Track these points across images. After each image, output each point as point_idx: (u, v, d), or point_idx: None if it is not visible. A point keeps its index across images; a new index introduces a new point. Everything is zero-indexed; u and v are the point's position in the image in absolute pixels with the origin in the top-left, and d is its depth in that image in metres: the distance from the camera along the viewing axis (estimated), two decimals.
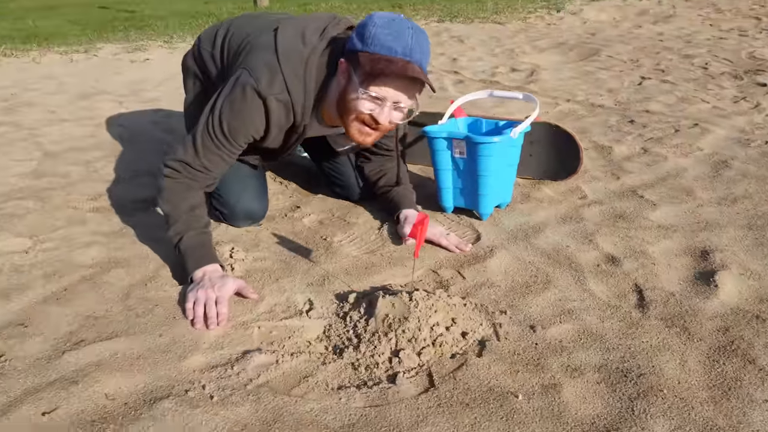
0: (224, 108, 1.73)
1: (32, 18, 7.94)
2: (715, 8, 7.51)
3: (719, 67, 4.29)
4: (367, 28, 1.60)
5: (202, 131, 1.75)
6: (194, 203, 1.75)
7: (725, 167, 2.43)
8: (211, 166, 1.77)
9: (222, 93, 1.76)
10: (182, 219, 1.71)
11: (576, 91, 3.76)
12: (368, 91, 1.62)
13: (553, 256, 1.81)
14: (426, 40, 1.63)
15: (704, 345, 1.39)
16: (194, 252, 1.67)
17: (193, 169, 1.75)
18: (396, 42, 1.58)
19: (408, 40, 1.58)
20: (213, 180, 1.81)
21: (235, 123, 1.73)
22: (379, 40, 1.58)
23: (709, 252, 1.79)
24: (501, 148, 1.92)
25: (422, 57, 1.62)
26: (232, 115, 1.72)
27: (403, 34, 1.58)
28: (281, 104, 1.72)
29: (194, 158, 1.75)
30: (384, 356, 1.37)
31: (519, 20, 6.85)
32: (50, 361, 1.38)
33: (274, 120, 1.75)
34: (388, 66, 1.57)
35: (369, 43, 1.59)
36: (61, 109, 3.59)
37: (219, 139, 1.75)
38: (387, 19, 1.60)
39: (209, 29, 2.12)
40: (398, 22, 1.59)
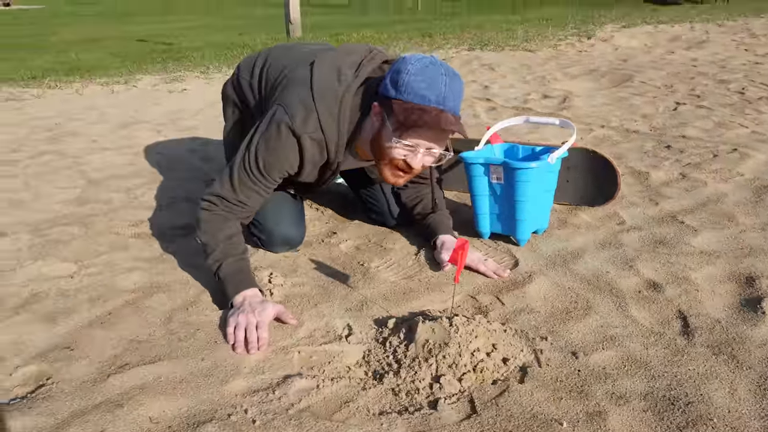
0: (260, 145, 1.77)
1: (74, 51, 8.23)
2: (749, 33, 7.43)
3: (756, 92, 4.23)
4: (401, 75, 1.60)
5: (239, 167, 1.79)
6: (231, 233, 1.78)
7: (767, 193, 2.39)
8: (247, 201, 1.81)
9: (258, 129, 1.80)
10: (220, 247, 1.74)
11: (610, 117, 3.74)
12: (401, 140, 1.63)
13: (592, 281, 1.79)
14: (459, 83, 1.63)
15: (754, 373, 1.36)
16: (233, 278, 1.70)
17: (230, 203, 1.79)
18: (429, 90, 1.57)
19: (441, 87, 1.58)
20: (250, 213, 1.85)
21: (270, 159, 1.77)
22: (412, 89, 1.58)
23: (754, 278, 1.76)
24: (538, 173, 1.92)
25: (455, 104, 1.62)
26: (268, 152, 1.76)
27: (437, 82, 1.58)
28: (315, 143, 1.75)
29: (231, 193, 1.79)
30: (425, 382, 1.36)
31: (549, 48, 6.87)
32: (96, 384, 1.41)
33: (308, 157, 1.78)
34: (421, 117, 1.57)
35: (402, 91, 1.59)
36: (102, 138, 3.69)
37: (255, 175, 1.78)
38: (421, 65, 1.59)
39: (248, 58, 2.18)
40: (432, 69, 1.59)
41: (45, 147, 3.50)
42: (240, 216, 1.82)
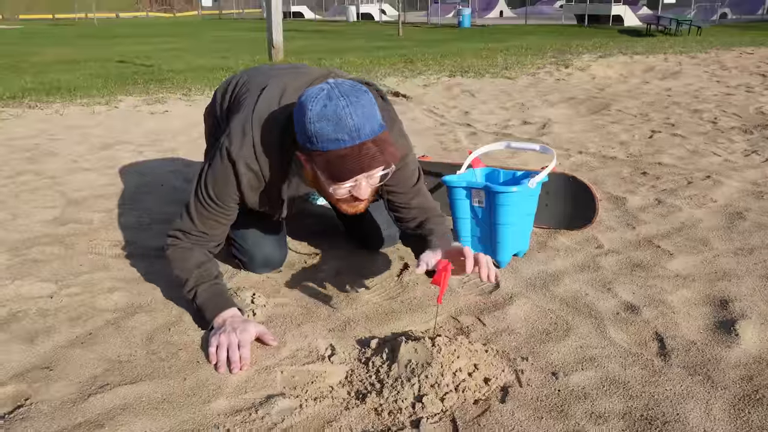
0: (208, 173, 1.74)
1: (54, 72, 8.20)
2: (720, 65, 7.67)
3: (728, 122, 4.36)
4: (307, 127, 1.47)
5: (193, 198, 1.77)
6: (201, 260, 1.76)
7: (740, 218, 2.46)
8: (209, 231, 1.78)
9: (209, 158, 1.78)
10: (193, 276, 1.73)
11: (588, 143, 3.82)
12: (337, 186, 1.56)
13: (572, 303, 1.82)
14: (366, 100, 1.48)
15: (729, 393, 1.39)
16: (210, 302, 1.69)
17: (192, 235, 1.77)
18: (339, 131, 1.45)
19: (349, 121, 1.44)
20: (216, 242, 1.82)
21: (217, 187, 1.73)
22: (322, 137, 1.46)
23: (728, 301, 1.80)
24: (519, 197, 1.96)
25: (372, 125, 1.48)
26: (214, 179, 1.73)
27: (342, 118, 1.44)
28: (250, 169, 1.70)
29: (191, 225, 1.77)
30: (407, 401, 1.37)
31: (528, 75, 7.01)
32: (75, 405, 1.39)
33: (245, 183, 1.72)
34: (344, 165, 1.48)
35: (315, 142, 1.48)
36: (83, 158, 3.68)
37: (209, 204, 1.75)
38: (319, 107, 1.45)
39: (224, 82, 2.16)
40: (330, 106, 1.45)
41: (24, 167, 3.48)
42: (207, 246, 1.80)
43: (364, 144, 1.48)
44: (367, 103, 1.49)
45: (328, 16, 33.80)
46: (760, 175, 3.05)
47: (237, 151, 1.68)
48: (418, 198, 1.86)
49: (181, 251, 1.77)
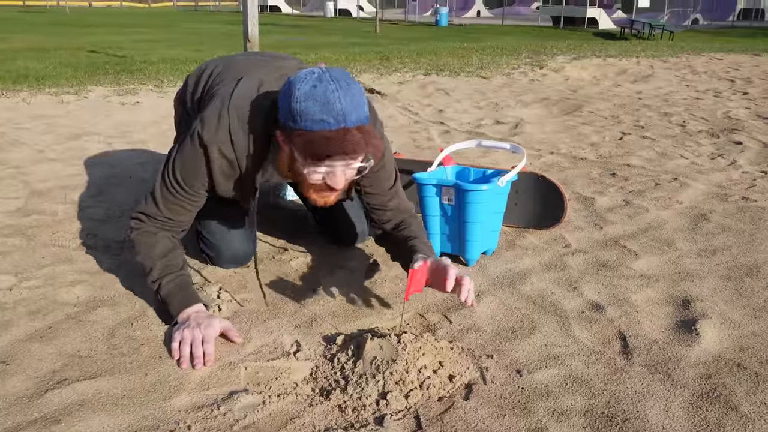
0: (177, 157, 1.69)
1: (23, 59, 8.01)
2: (691, 70, 7.81)
3: (696, 125, 4.44)
4: (292, 105, 1.44)
5: (160, 182, 1.71)
6: (165, 249, 1.71)
7: (704, 220, 2.50)
8: (174, 216, 1.72)
9: (178, 142, 1.74)
10: (157, 266, 1.67)
11: (559, 144, 3.86)
12: (314, 168, 1.51)
13: (538, 302, 1.84)
14: (354, 88, 1.46)
15: (687, 392, 1.41)
16: (175, 296, 1.65)
17: (157, 220, 1.71)
18: (326, 113, 1.41)
19: (337, 104, 1.41)
20: (181, 228, 1.76)
21: (185, 171, 1.68)
22: (308, 116, 1.42)
23: (690, 301, 1.83)
24: (488, 195, 1.96)
25: (359, 114, 1.45)
26: (182, 164, 1.68)
27: (330, 100, 1.41)
28: (222, 154, 1.64)
29: (155, 209, 1.71)
30: (371, 398, 1.37)
31: (503, 75, 7.06)
32: (32, 400, 1.36)
33: (216, 168, 1.66)
34: (326, 146, 1.43)
35: (299, 121, 1.44)
36: (49, 148, 3.60)
37: (175, 188, 1.69)
38: (308, 87, 1.42)
39: (197, 68, 2.11)
40: (320, 87, 1.42)
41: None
42: (171, 231, 1.74)
43: (349, 130, 1.44)
44: (357, 92, 1.46)
45: (305, 11, 33.63)
46: (725, 178, 3.11)
47: (211, 135, 1.62)
48: (395, 200, 1.85)
49: (146, 236, 1.71)
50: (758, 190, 2.91)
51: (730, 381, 1.45)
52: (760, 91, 6.16)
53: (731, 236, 2.34)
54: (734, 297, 1.87)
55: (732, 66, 8.24)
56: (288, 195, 2.69)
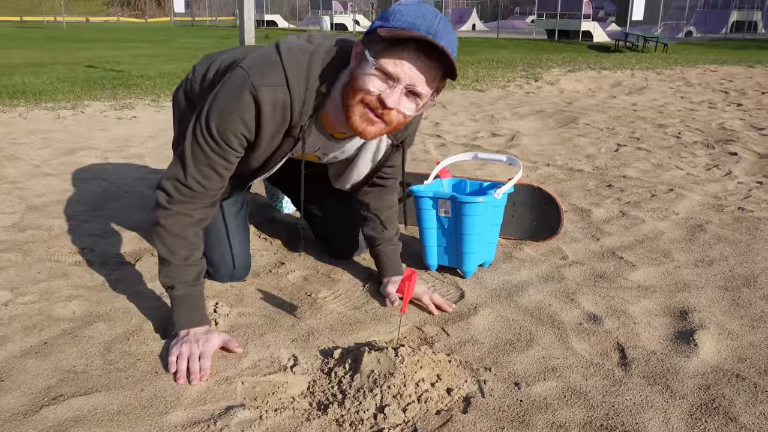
0: (212, 108, 1.54)
1: (20, 74, 8.03)
2: (685, 82, 7.85)
3: (691, 137, 4.46)
4: (390, 8, 1.42)
5: (190, 140, 1.57)
6: (190, 249, 1.62)
7: (701, 231, 2.50)
8: (204, 181, 1.58)
9: (212, 93, 1.59)
10: (174, 267, 1.60)
11: (555, 156, 3.87)
12: (381, 64, 1.40)
13: (535, 314, 1.83)
14: (454, 33, 1.44)
15: (686, 403, 1.41)
16: (184, 308, 1.61)
17: (186, 187, 1.58)
18: (421, 21, 1.38)
19: (434, 21, 1.38)
20: (211, 201, 1.64)
21: (224, 121, 1.52)
22: (402, 16, 1.39)
23: (687, 312, 1.83)
24: (485, 208, 1.96)
25: (449, 44, 1.40)
26: (221, 114, 1.53)
27: (429, 16, 1.39)
28: (276, 98, 1.51)
29: (185, 174, 1.57)
30: (369, 412, 1.36)
31: (499, 88, 7.09)
32: (27, 417, 1.35)
33: (267, 115, 1.52)
34: (409, 36, 1.37)
35: (391, 20, 1.40)
36: (45, 163, 3.59)
37: (209, 144, 1.55)
38: (416, 3, 1.41)
39: (205, 57, 1.99)
40: (425, 7, 1.41)
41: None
42: (200, 206, 1.61)
43: (436, 45, 1.37)
44: (454, 37, 1.43)
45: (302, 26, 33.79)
46: (720, 188, 3.12)
47: (260, 78, 1.49)
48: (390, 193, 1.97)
49: (173, 224, 1.59)
50: (754, 200, 2.92)
51: (729, 392, 1.44)
52: (754, 102, 6.20)
53: (728, 247, 2.34)
54: (732, 307, 1.87)
55: (726, 78, 8.30)
56: (285, 208, 2.69)
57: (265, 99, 1.50)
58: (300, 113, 1.55)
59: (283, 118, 1.56)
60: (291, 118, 1.56)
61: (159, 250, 1.63)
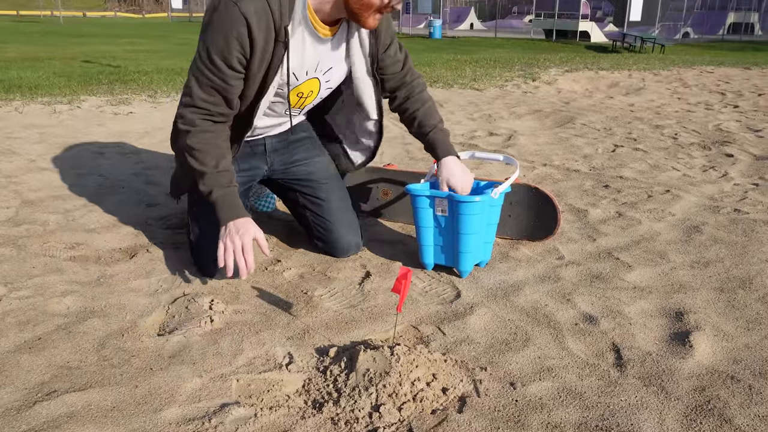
0: (207, 34, 1.72)
1: (16, 69, 7.99)
2: (682, 83, 7.86)
3: (688, 138, 4.46)
4: None
5: (196, 68, 1.75)
6: (216, 158, 1.80)
7: (697, 232, 2.51)
8: (212, 99, 1.77)
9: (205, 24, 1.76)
10: (207, 175, 1.79)
11: (552, 156, 3.87)
12: None
13: (531, 314, 1.83)
14: None
15: (681, 404, 1.41)
16: (223, 207, 1.80)
17: (197, 107, 1.77)
18: None
19: None
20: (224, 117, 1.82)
21: (221, 41, 1.70)
22: None
23: (683, 313, 1.83)
24: (482, 207, 1.96)
25: None
26: (215, 40, 1.70)
27: None
28: (257, 5, 1.68)
29: (193, 98, 1.77)
30: (364, 411, 1.36)
31: (496, 87, 7.09)
32: (20, 412, 1.34)
33: (254, 25, 1.68)
34: None
35: None
36: (41, 158, 3.58)
37: (211, 70, 1.73)
38: None
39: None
40: None
41: None
42: (218, 120, 1.81)
43: None
44: None
45: None
46: (716, 190, 3.12)
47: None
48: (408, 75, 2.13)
49: (198, 140, 1.79)
50: (750, 202, 2.92)
51: (724, 393, 1.44)
52: (750, 104, 6.21)
53: (724, 248, 2.35)
54: (727, 309, 1.87)
55: (722, 79, 8.31)
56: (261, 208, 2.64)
57: (249, 10, 1.67)
58: (279, 14, 1.71)
59: (267, 24, 1.71)
60: (273, 21, 1.72)
61: (192, 164, 1.81)
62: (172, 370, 1.51)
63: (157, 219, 2.60)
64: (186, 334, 1.68)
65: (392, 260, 2.21)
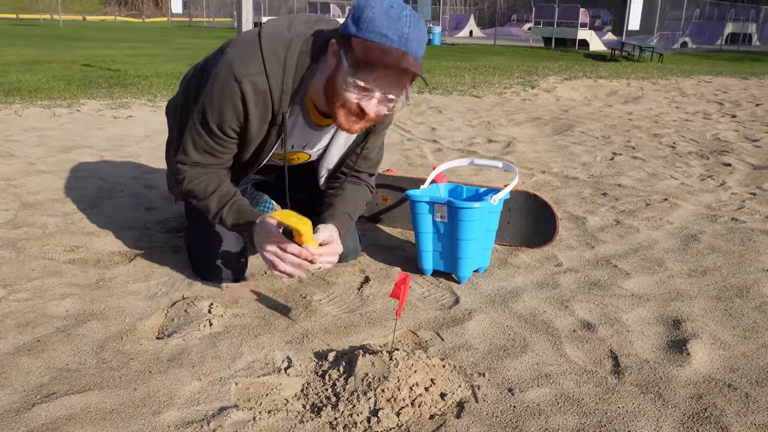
0: (206, 98, 1.70)
1: (15, 72, 8.00)
2: (680, 92, 7.90)
3: (686, 147, 4.48)
4: (364, 12, 1.51)
5: (192, 129, 1.75)
6: (215, 184, 1.78)
7: (694, 241, 2.52)
8: (208, 161, 1.77)
9: (206, 85, 1.75)
10: (212, 202, 1.78)
11: (551, 163, 3.89)
12: (357, 81, 1.54)
13: (530, 320, 1.84)
14: (423, 28, 1.56)
15: (678, 412, 1.41)
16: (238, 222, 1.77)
17: (193, 165, 1.77)
18: (392, 30, 1.49)
19: (405, 28, 1.49)
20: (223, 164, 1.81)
21: (218, 110, 1.69)
22: (374, 27, 1.49)
23: (681, 321, 1.84)
24: (481, 213, 1.97)
25: (418, 47, 1.54)
26: (214, 103, 1.69)
27: (400, 22, 1.50)
28: (257, 86, 1.65)
29: (188, 157, 1.76)
30: (362, 415, 1.36)
31: (495, 94, 7.11)
32: (19, 414, 1.34)
33: (251, 104, 1.67)
34: (381, 57, 1.50)
35: (364, 29, 1.50)
36: (40, 161, 3.58)
37: (209, 133, 1.72)
38: (386, 5, 1.51)
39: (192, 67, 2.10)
40: (396, 9, 1.51)
41: None
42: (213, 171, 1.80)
43: (406, 55, 1.51)
44: (423, 33, 1.56)
45: None
46: (714, 199, 3.14)
47: (242, 68, 1.63)
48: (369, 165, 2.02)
49: (195, 181, 1.78)
50: (747, 211, 2.94)
51: (721, 401, 1.45)
52: (748, 114, 6.24)
53: (721, 257, 2.36)
54: (724, 317, 1.88)
55: (720, 89, 8.35)
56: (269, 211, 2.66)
57: (247, 89, 1.64)
58: (279, 100, 1.69)
59: (265, 106, 1.69)
60: (272, 105, 1.69)
61: (198, 206, 1.82)
62: (171, 374, 1.52)
63: (156, 222, 2.60)
64: (185, 338, 1.68)
65: (391, 265, 2.22)
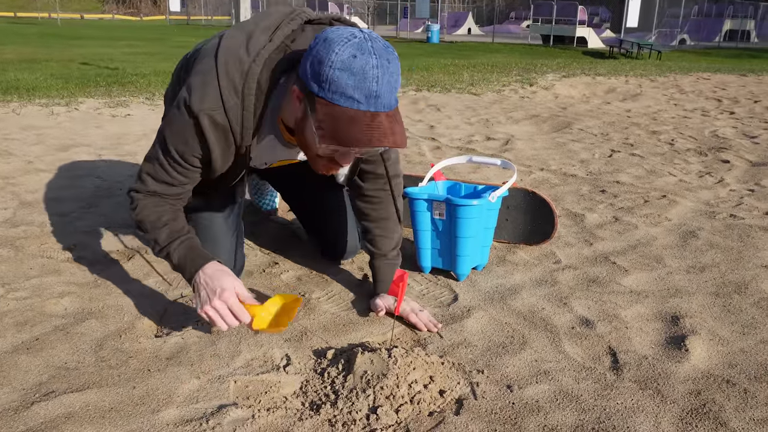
0: (166, 129, 1.55)
1: (13, 70, 7.99)
2: (678, 89, 7.90)
3: (684, 144, 4.49)
4: (323, 68, 1.30)
5: (152, 157, 1.59)
6: (168, 218, 1.61)
7: (693, 237, 2.52)
8: (167, 191, 1.61)
9: (166, 114, 1.63)
10: (162, 235, 1.59)
11: (549, 160, 3.89)
12: (329, 146, 1.38)
13: (528, 317, 1.84)
14: (395, 68, 1.34)
15: (677, 407, 1.42)
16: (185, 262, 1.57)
17: (152, 193, 1.61)
18: (358, 90, 1.29)
19: (373, 85, 1.30)
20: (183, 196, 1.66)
21: (178, 144, 1.53)
22: (337, 87, 1.30)
23: (679, 317, 1.84)
24: (479, 211, 1.97)
25: (390, 98, 1.34)
26: (173, 136, 1.53)
27: (367, 77, 1.29)
28: (216, 122, 1.49)
29: (147, 187, 1.60)
30: (361, 413, 1.36)
31: (494, 92, 7.11)
32: (18, 413, 1.34)
33: (212, 140, 1.51)
34: (349, 130, 1.32)
35: (326, 89, 1.31)
36: (38, 159, 3.58)
37: (170, 164, 1.57)
38: (347, 55, 1.28)
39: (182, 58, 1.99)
40: (360, 59, 1.29)
41: None
42: (169, 203, 1.63)
43: (377, 115, 1.32)
44: (395, 71, 1.34)
45: None
46: (712, 195, 3.14)
47: (198, 102, 1.46)
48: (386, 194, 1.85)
49: (147, 212, 1.60)
50: (745, 208, 2.94)
51: (720, 397, 1.45)
52: (746, 110, 6.24)
53: (719, 253, 2.36)
54: (723, 313, 1.88)
55: (719, 86, 8.35)
56: (265, 206, 2.66)
57: (205, 124, 1.49)
58: (241, 135, 1.53)
59: (226, 139, 1.54)
60: (234, 141, 1.55)
61: (146, 237, 1.63)
62: (170, 372, 1.52)
63: None
64: (183, 336, 1.68)
65: None
